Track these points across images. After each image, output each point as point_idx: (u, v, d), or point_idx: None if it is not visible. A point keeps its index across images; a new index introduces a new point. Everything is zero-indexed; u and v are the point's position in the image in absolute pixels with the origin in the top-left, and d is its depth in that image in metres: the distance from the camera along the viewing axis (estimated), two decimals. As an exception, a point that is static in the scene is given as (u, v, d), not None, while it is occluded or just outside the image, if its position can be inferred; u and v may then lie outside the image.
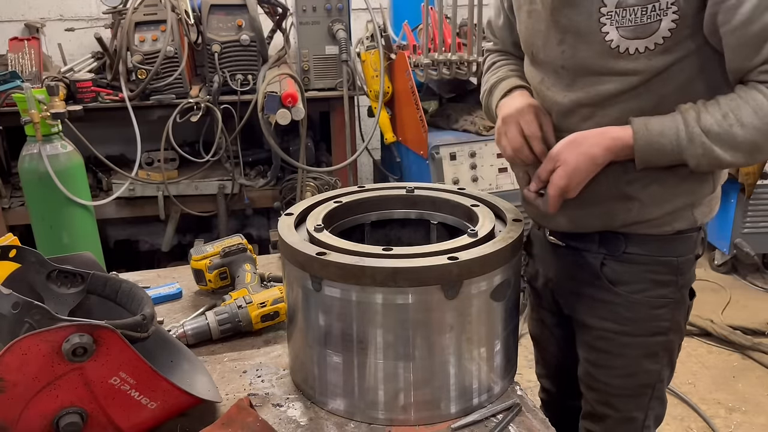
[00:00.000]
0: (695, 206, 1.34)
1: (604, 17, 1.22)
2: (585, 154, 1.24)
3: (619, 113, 1.27)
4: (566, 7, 1.26)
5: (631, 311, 1.39)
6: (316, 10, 3.47)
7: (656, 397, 1.48)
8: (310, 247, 1.16)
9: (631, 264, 1.38)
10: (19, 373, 0.97)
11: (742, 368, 3.15)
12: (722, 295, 3.80)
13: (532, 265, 1.61)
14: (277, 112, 3.13)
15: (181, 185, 3.56)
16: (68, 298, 1.27)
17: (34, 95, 2.60)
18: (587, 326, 1.46)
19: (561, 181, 1.26)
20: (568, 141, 1.27)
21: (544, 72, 1.38)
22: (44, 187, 2.71)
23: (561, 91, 1.34)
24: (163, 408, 1.10)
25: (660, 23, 1.18)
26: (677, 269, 1.37)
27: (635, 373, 1.44)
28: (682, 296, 1.40)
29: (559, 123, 1.36)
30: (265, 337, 1.47)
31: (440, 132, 3.48)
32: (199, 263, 1.62)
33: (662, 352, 1.43)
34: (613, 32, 1.22)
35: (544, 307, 1.62)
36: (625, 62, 1.23)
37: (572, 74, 1.31)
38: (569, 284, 1.48)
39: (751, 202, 3.80)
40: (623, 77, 1.25)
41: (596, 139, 1.25)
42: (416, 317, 1.12)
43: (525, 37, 1.42)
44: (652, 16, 1.18)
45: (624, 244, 1.37)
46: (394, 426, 1.18)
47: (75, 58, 3.78)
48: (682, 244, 1.37)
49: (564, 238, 1.47)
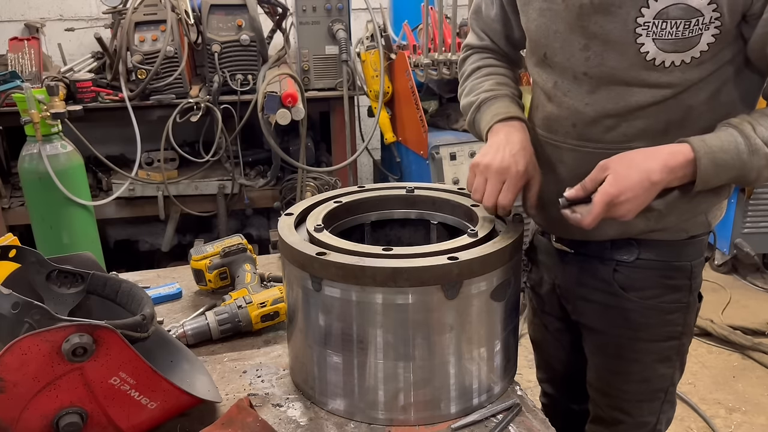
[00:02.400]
0: (709, 211, 1.33)
1: (641, 28, 1.15)
2: (639, 167, 1.13)
3: (645, 125, 1.23)
4: (597, 14, 1.19)
5: (644, 317, 1.37)
6: (316, 10, 3.47)
7: (668, 400, 1.46)
8: (310, 247, 1.16)
9: (645, 270, 1.35)
10: (19, 373, 0.97)
11: (742, 368, 3.15)
12: (722, 295, 3.80)
13: (536, 271, 1.57)
14: (277, 112, 3.13)
15: (181, 185, 3.57)
16: (68, 298, 1.27)
17: (34, 95, 2.61)
18: (598, 332, 1.44)
19: (611, 188, 1.13)
20: (621, 156, 1.17)
21: (558, 76, 1.30)
22: (44, 187, 2.71)
23: (581, 99, 1.27)
24: (163, 408, 1.10)
25: (700, 37, 1.13)
26: (690, 273, 1.35)
27: (650, 378, 1.42)
28: (694, 299, 1.38)
29: (581, 132, 1.29)
30: (265, 337, 1.47)
31: (440, 132, 3.48)
32: (199, 263, 1.62)
33: (675, 355, 1.42)
34: (650, 44, 1.16)
35: (548, 312, 1.59)
36: (659, 75, 1.18)
37: (596, 82, 1.24)
38: (578, 290, 1.45)
39: (751, 202, 3.80)
40: (655, 89, 1.20)
41: (651, 154, 1.15)
42: (416, 317, 1.12)
43: (535, 37, 1.33)
44: (695, 30, 1.13)
45: (637, 250, 1.34)
46: (394, 426, 1.17)
47: (75, 58, 3.78)
48: (694, 248, 1.35)
49: (573, 245, 1.43)
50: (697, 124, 1.21)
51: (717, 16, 1.11)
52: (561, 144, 1.34)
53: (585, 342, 1.49)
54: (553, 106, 1.33)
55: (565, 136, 1.32)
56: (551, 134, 1.36)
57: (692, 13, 1.11)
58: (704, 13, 1.11)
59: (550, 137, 1.36)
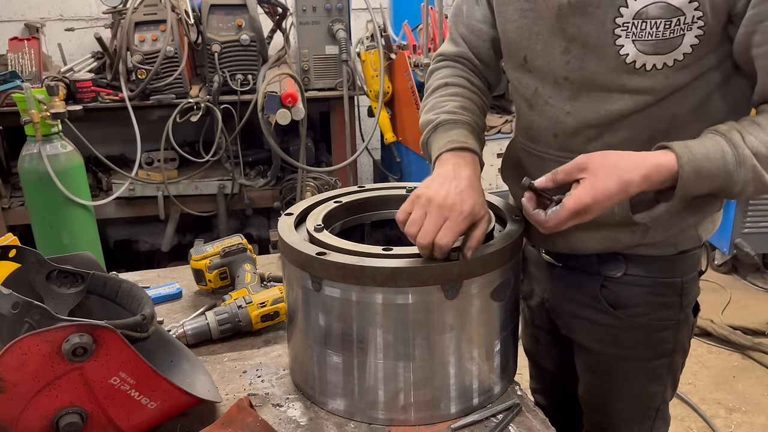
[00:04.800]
0: (699, 225, 1.27)
1: (620, 29, 1.10)
2: (620, 177, 1.04)
3: (628, 134, 1.17)
4: (574, 15, 1.13)
5: (632, 335, 1.32)
6: (316, 10, 3.48)
7: (660, 418, 1.43)
8: (310, 247, 1.16)
9: (633, 286, 1.29)
10: (19, 373, 0.97)
11: (742, 368, 3.15)
12: (722, 295, 3.80)
13: (527, 282, 1.52)
14: (277, 112, 3.13)
15: (181, 185, 3.57)
16: (68, 298, 1.26)
17: (34, 95, 2.61)
18: (587, 349, 1.39)
19: (587, 197, 1.03)
20: (603, 156, 1.07)
21: (539, 81, 1.24)
22: (44, 187, 2.71)
23: (562, 106, 1.21)
24: (163, 408, 1.10)
25: (683, 38, 1.07)
26: (681, 289, 1.30)
27: (639, 397, 1.39)
28: (686, 316, 1.33)
29: (563, 143, 1.24)
30: (265, 337, 1.47)
31: (440, 132, 3.47)
32: (199, 263, 1.62)
33: (666, 374, 1.37)
34: (630, 46, 1.10)
35: (538, 325, 1.54)
36: (640, 79, 1.12)
37: (576, 87, 1.19)
38: (566, 306, 1.40)
39: (751, 202, 3.80)
40: (636, 95, 1.13)
41: (635, 164, 1.05)
42: (416, 317, 1.12)
43: (515, 39, 1.25)
44: (676, 31, 1.07)
45: (625, 265, 1.28)
46: (394, 426, 1.17)
47: (75, 58, 3.78)
48: (685, 263, 1.29)
49: (560, 258, 1.38)
50: (683, 135, 1.11)
51: (700, 15, 1.05)
52: (543, 154, 1.29)
53: (575, 357, 1.45)
54: (534, 115, 1.28)
55: (546, 146, 1.28)
56: (533, 144, 1.31)
57: (673, 12, 1.07)
58: (686, 12, 1.06)
59: (533, 147, 1.31)
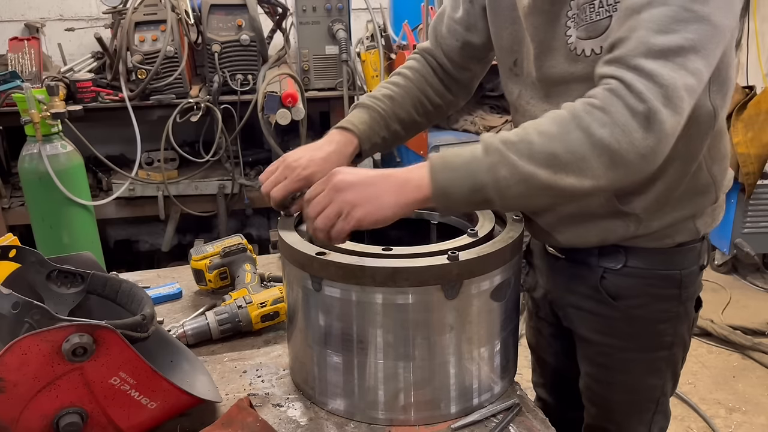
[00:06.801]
0: (697, 217, 1.27)
1: (570, 20, 1.14)
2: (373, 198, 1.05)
3: None
4: (533, 14, 1.19)
5: (632, 326, 1.33)
6: (316, 10, 3.48)
7: (660, 411, 1.43)
8: (310, 247, 1.16)
9: (632, 278, 1.30)
10: (19, 373, 0.97)
11: (742, 368, 3.15)
12: (722, 295, 3.80)
13: (532, 275, 1.55)
14: (277, 112, 3.13)
15: (181, 185, 3.57)
16: (68, 298, 1.27)
17: (34, 95, 2.61)
18: (587, 341, 1.41)
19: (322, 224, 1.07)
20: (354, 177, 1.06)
21: (521, 84, 1.29)
22: (44, 187, 2.71)
23: (540, 107, 1.24)
24: (163, 408, 1.10)
25: (610, 20, 1.07)
26: (680, 283, 1.31)
27: (638, 389, 1.40)
28: (685, 309, 1.34)
29: None
30: (265, 337, 1.47)
31: (440, 132, 3.48)
32: (199, 263, 1.62)
33: (665, 366, 1.38)
34: (572, 32, 1.13)
35: (542, 317, 1.57)
36: (583, 66, 1.13)
37: (546, 86, 1.23)
38: (568, 297, 1.41)
39: (751, 202, 3.80)
40: (586, 83, 1.07)
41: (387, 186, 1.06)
42: (416, 317, 1.12)
43: (508, 45, 1.30)
44: (601, 13, 1.08)
45: (624, 257, 1.30)
46: (394, 426, 1.17)
47: (75, 58, 3.78)
48: (684, 256, 1.30)
49: (563, 251, 1.40)
50: None
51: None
52: None
53: (577, 349, 1.47)
54: (519, 117, 1.32)
55: None
56: None
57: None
58: None
59: None
